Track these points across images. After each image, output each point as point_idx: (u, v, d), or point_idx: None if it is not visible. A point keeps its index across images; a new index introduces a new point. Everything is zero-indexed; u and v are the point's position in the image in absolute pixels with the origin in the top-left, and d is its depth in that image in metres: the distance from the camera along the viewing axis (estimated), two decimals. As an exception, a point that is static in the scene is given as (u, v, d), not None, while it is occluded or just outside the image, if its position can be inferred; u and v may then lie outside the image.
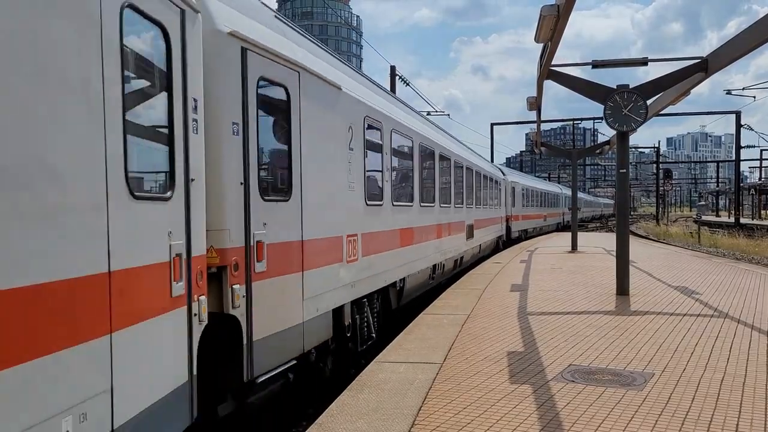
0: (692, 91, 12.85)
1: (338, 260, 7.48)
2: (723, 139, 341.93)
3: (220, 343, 5.15)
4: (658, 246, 30.04)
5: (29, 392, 2.87)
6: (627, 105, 11.02)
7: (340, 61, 8.82)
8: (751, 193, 78.57)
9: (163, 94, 4.27)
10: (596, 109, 11.02)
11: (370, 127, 8.86)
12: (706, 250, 29.49)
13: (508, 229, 30.37)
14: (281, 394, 6.11)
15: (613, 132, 13.37)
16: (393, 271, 10.00)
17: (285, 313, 6.02)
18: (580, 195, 75.31)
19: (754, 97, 38.95)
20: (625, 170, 11.65)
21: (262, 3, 6.57)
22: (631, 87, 11.33)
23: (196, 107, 4.59)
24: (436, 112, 33.62)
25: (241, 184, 5.34)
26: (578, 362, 6.70)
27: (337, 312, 7.45)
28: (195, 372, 4.50)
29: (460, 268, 17.15)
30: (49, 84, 3.01)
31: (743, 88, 35.55)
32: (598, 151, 27.56)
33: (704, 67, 11.05)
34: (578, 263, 17.95)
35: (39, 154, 2.93)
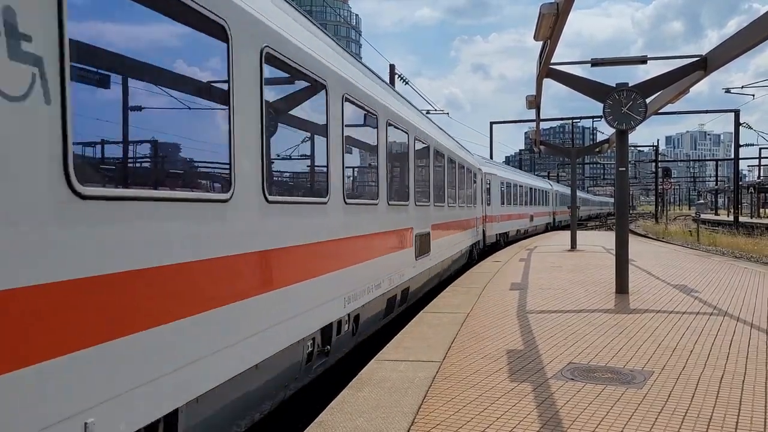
0: (692, 89, 12.86)
1: (498, 221, 27.02)
2: (722, 137, 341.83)
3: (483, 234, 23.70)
4: (658, 244, 30.03)
5: (456, 244, 17.08)
6: (626, 103, 11.02)
7: (498, 165, 35.70)
8: (750, 191, 78.57)
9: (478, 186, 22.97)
10: (595, 107, 11.05)
11: (502, 183, 28.57)
12: (705, 248, 29.50)
13: (554, 219, 48.80)
14: (487, 249, 24.26)
15: (612, 130, 13.36)
16: (505, 228, 28.83)
17: (490, 231, 25.09)
18: (586, 195, 79.30)
19: (753, 95, 38.91)
20: (624, 168, 11.65)
21: (481, 156, 29.42)
22: (630, 85, 11.33)
23: (484, 188, 24.38)
24: (436, 110, 33.62)
25: (483, 201, 23.71)
26: (578, 360, 6.70)
27: (495, 236, 26.36)
28: (481, 237, 22.63)
29: (526, 235, 34.90)
30: (476, 188, 22.65)
31: (742, 87, 35.59)
32: (597, 150, 27.56)
33: (703, 66, 11.04)
34: (577, 262, 17.96)
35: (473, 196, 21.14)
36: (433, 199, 13.04)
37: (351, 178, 7.92)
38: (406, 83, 30.83)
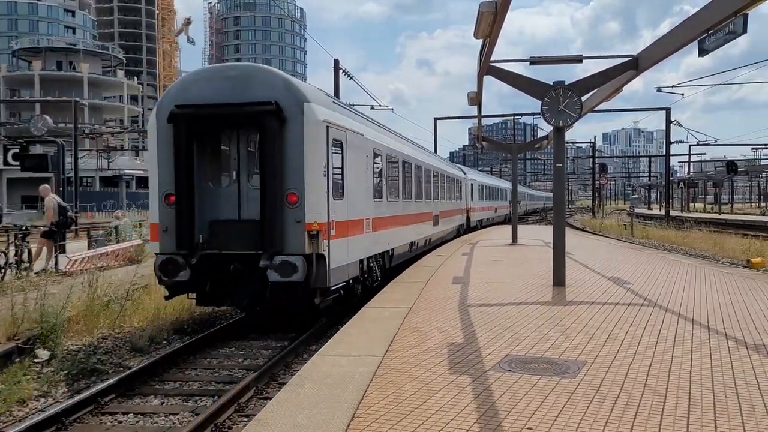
0: (627, 88, 13.31)
1: (477, 211, 36.93)
2: (655, 134, 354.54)
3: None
4: (594, 238, 31.02)
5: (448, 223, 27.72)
6: (563, 101, 11.29)
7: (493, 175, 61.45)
8: (680, 186, 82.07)
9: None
10: (537, 104, 11.22)
11: (479, 186, 38.03)
12: (638, 241, 30.66)
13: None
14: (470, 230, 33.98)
15: (551, 127, 13.69)
16: (480, 216, 38.83)
17: (472, 218, 35.25)
18: (530, 191, 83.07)
19: (683, 94, 40.54)
20: (561, 164, 11.95)
21: (467, 168, 44.58)
22: (567, 84, 11.63)
23: (467, 189, 35.20)
24: (380, 106, 33.73)
25: (466, 198, 33.46)
26: (515, 352, 6.86)
27: (474, 222, 35.70)
28: (465, 221, 32.36)
29: (492, 222, 44.38)
30: (462, 190, 32.19)
31: (672, 86, 36.90)
32: (537, 146, 28.22)
33: (635, 65, 11.44)
34: (518, 255, 18.36)
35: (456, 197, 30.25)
36: (440, 198, 24.38)
37: (423, 191, 20.15)
38: (351, 78, 30.78)
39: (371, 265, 13.26)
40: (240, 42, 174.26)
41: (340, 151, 11.13)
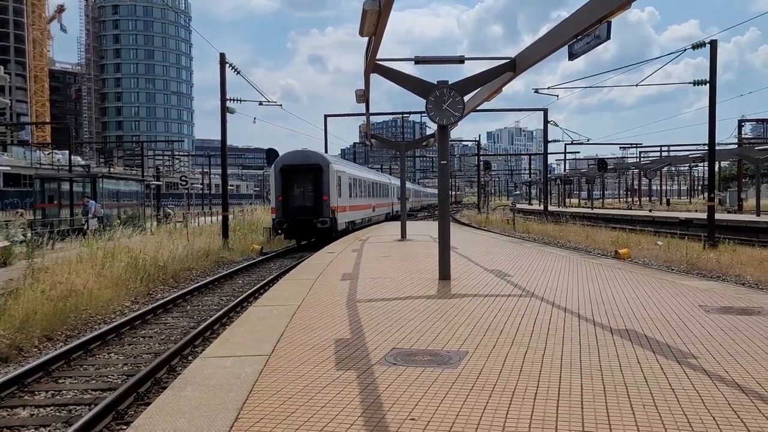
0: (510, 89, 13.93)
1: (398, 205, 41.11)
2: (535, 134, 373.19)
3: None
4: (479, 233, 32.25)
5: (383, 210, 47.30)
6: (446, 100, 11.63)
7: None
8: (557, 183, 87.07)
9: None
10: (424, 103, 11.48)
11: (398, 188, 43.96)
12: (519, 235, 32.22)
13: (411, 206, 67.75)
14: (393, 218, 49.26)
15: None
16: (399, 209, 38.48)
17: (396, 209, 50.24)
18: (424, 189, 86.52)
19: (557, 96, 43.34)
20: (445, 161, 12.32)
21: (392, 176, 66.25)
22: (450, 83, 11.98)
23: (393, 190, 55.53)
24: (269, 102, 33.25)
25: (392, 196, 52.48)
26: (401, 345, 7.01)
27: (396, 212, 49.01)
28: (391, 211, 49.76)
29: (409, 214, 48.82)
30: (389, 190, 51.47)
31: (548, 88, 39.18)
32: (424, 144, 28.85)
33: (512, 67, 12.00)
34: (406, 251, 18.74)
35: (389, 194, 51.55)
36: (376, 196, 41.86)
37: (366, 193, 39.28)
38: (238, 73, 30.08)
39: (347, 226, 30.87)
40: (120, 32, 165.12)
41: (339, 180, 28.87)
